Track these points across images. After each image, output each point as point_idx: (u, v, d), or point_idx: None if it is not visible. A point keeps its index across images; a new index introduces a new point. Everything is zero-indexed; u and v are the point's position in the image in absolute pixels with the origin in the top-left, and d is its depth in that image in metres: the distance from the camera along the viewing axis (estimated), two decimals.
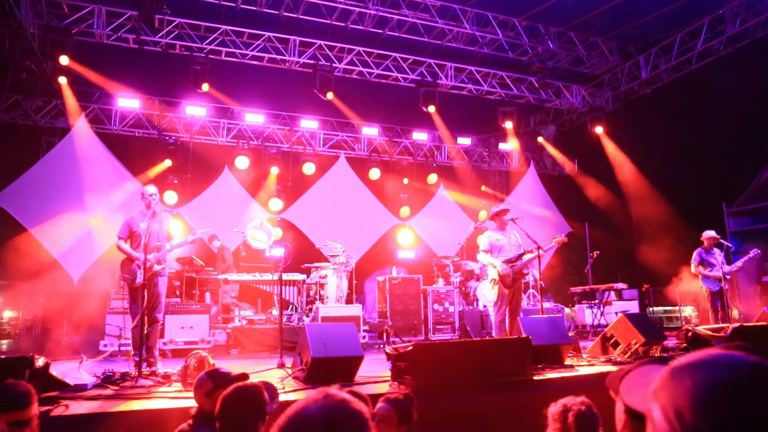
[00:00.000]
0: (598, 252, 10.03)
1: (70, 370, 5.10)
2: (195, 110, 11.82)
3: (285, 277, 8.47)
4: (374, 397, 3.09)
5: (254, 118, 12.41)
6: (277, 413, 1.19)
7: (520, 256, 6.78)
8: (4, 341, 11.15)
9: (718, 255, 8.65)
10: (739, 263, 8.75)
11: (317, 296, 9.19)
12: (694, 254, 8.76)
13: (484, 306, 9.50)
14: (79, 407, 3.90)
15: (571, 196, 13.83)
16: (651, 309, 11.46)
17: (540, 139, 13.59)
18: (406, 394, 3.04)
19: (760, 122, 9.76)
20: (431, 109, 11.22)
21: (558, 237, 7.00)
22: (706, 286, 8.63)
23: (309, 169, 12.67)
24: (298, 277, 9.30)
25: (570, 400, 2.51)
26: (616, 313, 7.45)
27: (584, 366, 5.78)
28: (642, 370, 1.02)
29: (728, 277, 8.61)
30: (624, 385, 1.02)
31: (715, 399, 0.79)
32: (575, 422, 2.40)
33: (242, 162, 11.95)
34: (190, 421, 2.76)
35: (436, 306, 10.05)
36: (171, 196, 11.24)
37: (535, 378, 5.03)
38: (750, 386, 0.79)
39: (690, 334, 6.26)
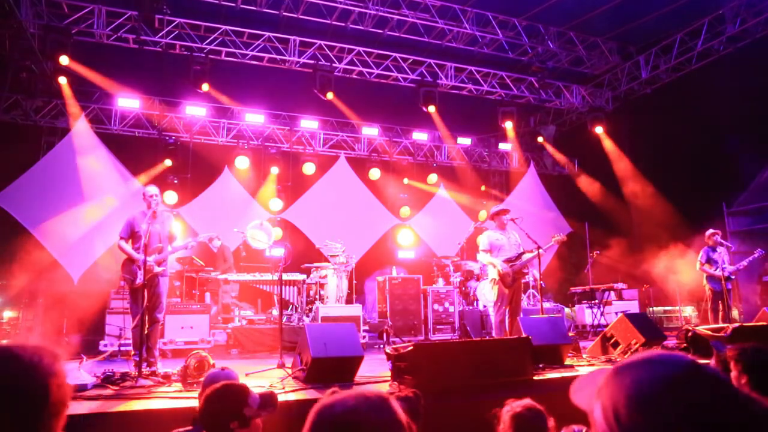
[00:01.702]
0: (598, 252, 10.03)
1: (70, 370, 5.08)
2: (195, 110, 11.82)
3: (285, 277, 8.47)
4: None
5: (254, 118, 12.40)
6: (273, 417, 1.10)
7: (519, 255, 6.78)
8: (4, 341, 11.14)
9: (723, 254, 8.64)
10: (744, 263, 8.70)
11: (317, 296, 9.19)
12: (701, 252, 8.76)
13: (484, 306, 9.50)
14: (79, 407, 3.90)
15: (571, 196, 13.83)
16: (651, 309, 11.45)
17: (540, 139, 13.58)
18: (413, 392, 3.12)
19: (760, 122, 9.75)
20: (431, 109, 11.22)
21: (557, 236, 7.01)
22: (710, 285, 8.62)
23: (309, 169, 12.66)
24: (298, 277, 9.30)
25: (514, 403, 2.71)
26: (616, 313, 7.45)
27: (584, 366, 5.78)
28: (594, 372, 1.03)
29: (732, 277, 8.60)
30: (574, 385, 1.04)
31: (652, 396, 0.81)
32: (511, 422, 2.62)
33: (242, 162, 11.94)
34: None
35: (436, 306, 10.05)
36: (171, 196, 11.23)
37: (535, 378, 5.03)
38: (685, 384, 0.82)
39: (690, 334, 6.25)
